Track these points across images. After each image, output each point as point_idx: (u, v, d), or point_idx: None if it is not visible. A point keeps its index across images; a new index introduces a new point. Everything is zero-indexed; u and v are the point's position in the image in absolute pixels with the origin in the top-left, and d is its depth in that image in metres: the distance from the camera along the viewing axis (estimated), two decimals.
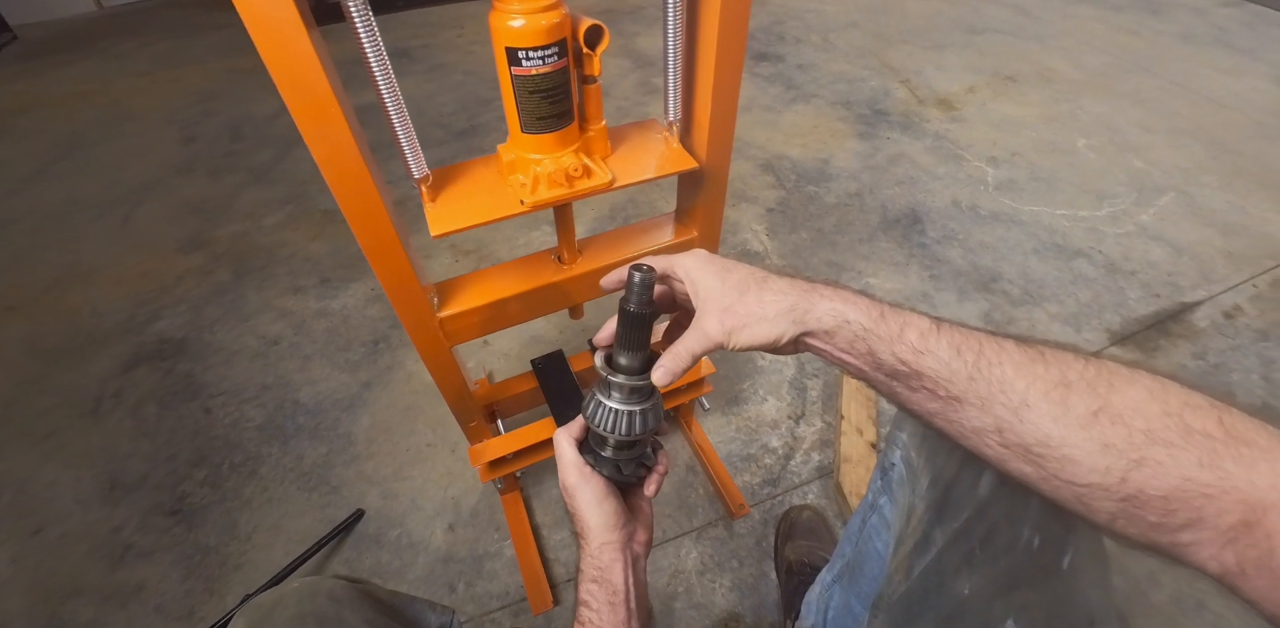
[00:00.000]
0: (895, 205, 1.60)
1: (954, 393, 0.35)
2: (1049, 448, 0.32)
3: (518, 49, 0.46)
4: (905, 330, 0.37)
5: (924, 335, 0.36)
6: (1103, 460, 0.31)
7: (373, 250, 0.54)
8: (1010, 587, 0.43)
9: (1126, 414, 0.31)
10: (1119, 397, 0.31)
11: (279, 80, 0.40)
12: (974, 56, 2.19)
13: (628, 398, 0.45)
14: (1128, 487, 0.30)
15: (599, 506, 0.45)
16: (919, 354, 0.36)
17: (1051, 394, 0.32)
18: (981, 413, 0.34)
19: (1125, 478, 0.30)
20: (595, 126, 0.57)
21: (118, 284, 1.45)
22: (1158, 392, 0.31)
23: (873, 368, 0.38)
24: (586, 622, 0.42)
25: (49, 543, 1.02)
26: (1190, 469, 0.29)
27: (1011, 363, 0.34)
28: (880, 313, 0.38)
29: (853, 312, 0.38)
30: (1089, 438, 0.31)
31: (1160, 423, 0.30)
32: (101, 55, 2.37)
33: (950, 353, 0.35)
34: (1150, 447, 0.30)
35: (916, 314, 0.38)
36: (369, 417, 1.17)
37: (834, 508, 1.01)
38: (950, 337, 0.36)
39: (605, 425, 0.45)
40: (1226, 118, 1.86)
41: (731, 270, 0.42)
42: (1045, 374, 0.33)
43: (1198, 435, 0.29)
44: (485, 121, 1.92)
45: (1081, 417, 0.31)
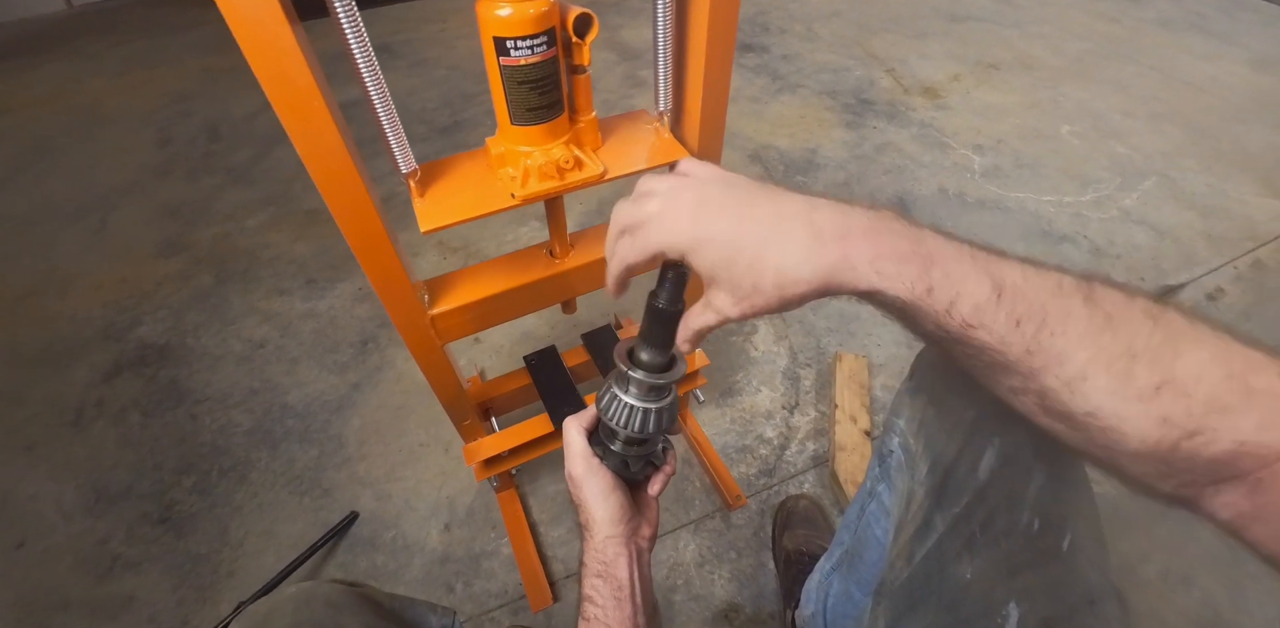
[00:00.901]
0: (883, 194, 1.60)
1: (1001, 362, 0.31)
2: (1097, 418, 0.30)
3: (506, 38, 0.45)
4: (957, 303, 0.31)
5: (979, 309, 0.30)
6: (1155, 433, 0.29)
7: (361, 248, 0.53)
8: (1012, 570, 0.43)
9: (1190, 384, 0.28)
10: (1183, 364, 0.29)
11: (261, 74, 0.39)
12: (956, 45, 2.20)
13: (645, 395, 0.44)
14: (1176, 454, 0.28)
15: (606, 498, 0.45)
16: (969, 329, 0.31)
17: (1114, 366, 0.29)
18: (1026, 381, 0.31)
19: (1176, 447, 0.28)
20: (585, 118, 0.56)
21: (95, 291, 1.42)
22: (1221, 352, 0.29)
23: (908, 327, 0.34)
24: (592, 618, 0.42)
25: (33, 557, 1.00)
26: (1248, 433, 0.27)
27: (1075, 332, 0.30)
28: (928, 288, 0.31)
29: (894, 281, 0.31)
30: (1146, 412, 0.29)
31: (1223, 388, 0.28)
32: (73, 56, 2.31)
33: (1008, 327, 0.30)
34: (1209, 416, 0.28)
35: (976, 278, 0.31)
36: (359, 418, 1.16)
37: (830, 497, 1.02)
38: (1012, 306, 0.30)
39: (619, 420, 0.44)
40: (1204, 102, 1.88)
41: (740, 221, 0.35)
42: (1111, 344, 0.29)
43: (1260, 395, 0.27)
44: (470, 117, 1.90)
45: (1143, 391, 0.29)
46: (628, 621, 0.42)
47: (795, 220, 0.32)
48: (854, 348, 1.24)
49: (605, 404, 0.45)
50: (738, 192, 0.35)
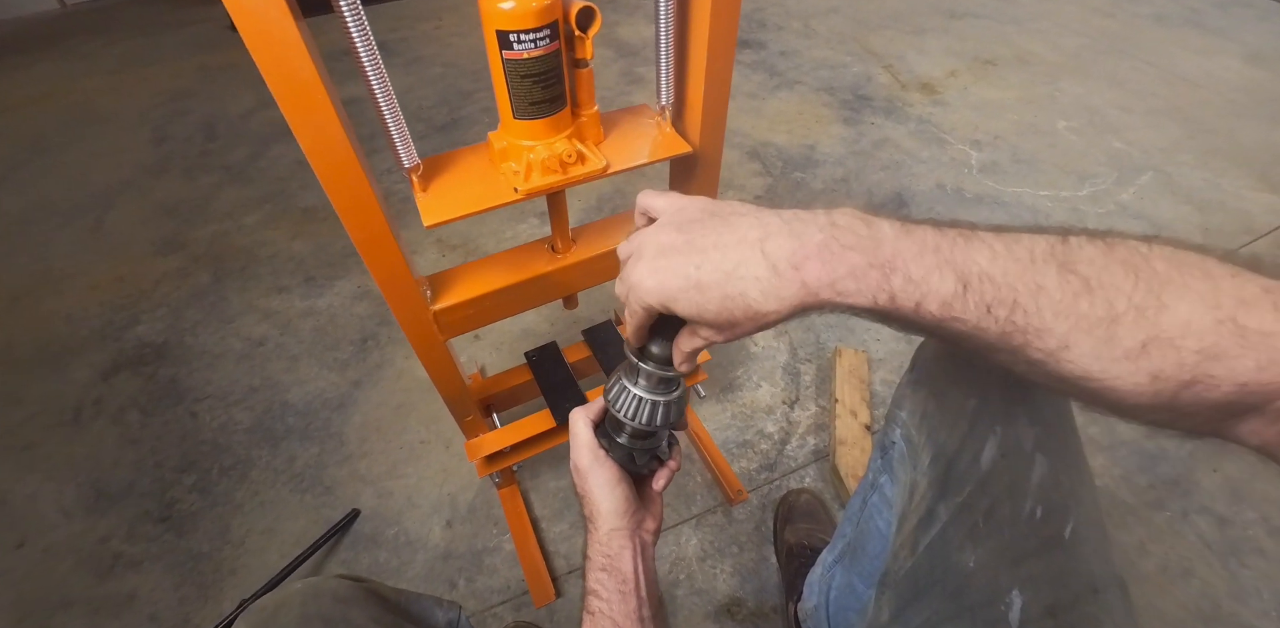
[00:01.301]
0: (881, 190, 1.60)
1: (984, 343, 0.32)
2: (1090, 381, 0.30)
3: (509, 32, 0.44)
4: (924, 303, 0.31)
5: (947, 304, 0.31)
6: (1151, 388, 0.29)
7: (364, 243, 0.53)
8: (1015, 558, 0.43)
9: (1178, 336, 0.28)
10: (1169, 317, 0.28)
11: (265, 68, 0.39)
12: (953, 41, 2.20)
13: (654, 387, 0.44)
14: (1179, 402, 0.28)
15: (611, 490, 0.45)
16: (941, 323, 0.32)
17: (1095, 332, 0.29)
18: (1014, 356, 0.31)
19: (1176, 397, 0.28)
20: (587, 112, 0.56)
21: (92, 290, 1.41)
22: (1209, 296, 0.28)
23: (888, 325, 0.34)
24: (596, 612, 0.42)
25: (33, 557, 1.00)
26: (1248, 374, 0.27)
27: (1051, 307, 0.30)
28: (890, 296, 0.32)
29: (855, 299, 0.32)
30: (1136, 370, 0.29)
31: (1214, 335, 0.28)
32: (66, 55, 2.30)
33: (979, 314, 0.31)
34: (1203, 365, 0.28)
35: (940, 275, 0.31)
36: (360, 416, 1.16)
37: (831, 491, 1.02)
38: (979, 296, 0.31)
39: (626, 412, 0.44)
40: (1200, 97, 1.89)
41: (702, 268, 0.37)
42: (1090, 311, 0.29)
43: (1254, 336, 0.27)
44: (467, 114, 1.89)
45: (1130, 350, 0.29)
46: (633, 614, 0.42)
47: (750, 255, 0.33)
48: (854, 343, 1.24)
49: (614, 396, 0.45)
50: (689, 234, 0.35)
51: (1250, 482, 1.01)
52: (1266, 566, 0.92)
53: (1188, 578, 0.91)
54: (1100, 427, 1.10)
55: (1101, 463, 1.04)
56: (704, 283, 0.34)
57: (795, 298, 0.32)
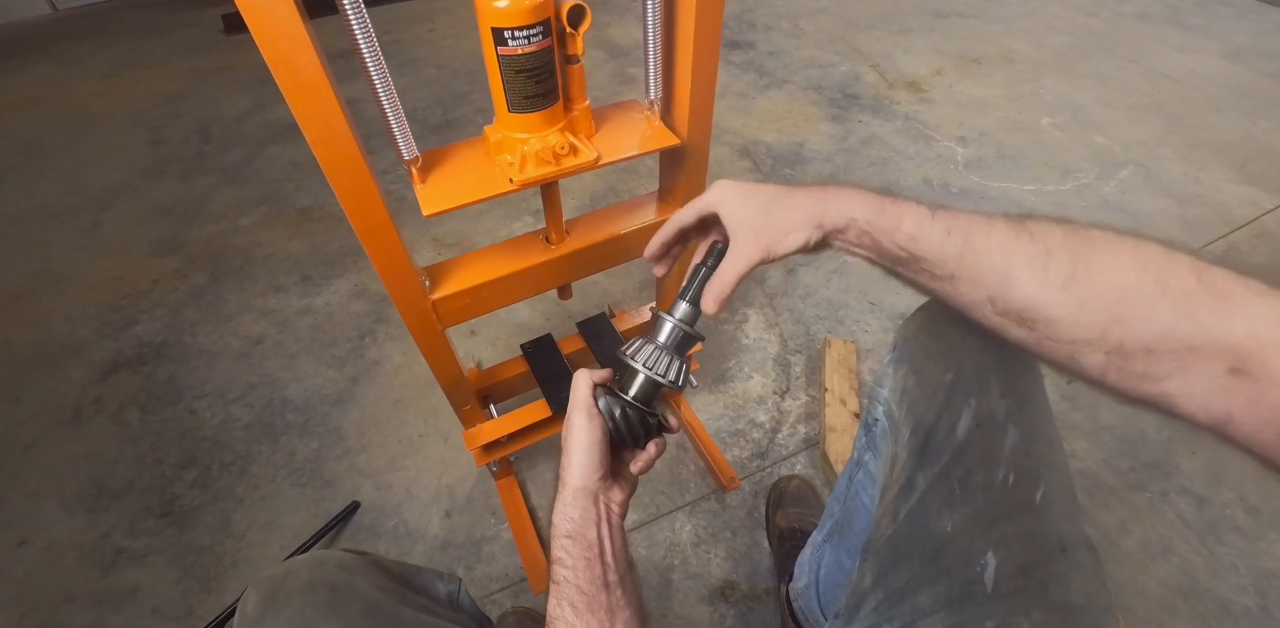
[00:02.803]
0: (869, 185, 1.62)
1: (948, 271, 0.39)
2: (1036, 310, 0.35)
3: (503, 29, 0.47)
4: (903, 220, 0.40)
5: (920, 224, 0.40)
6: (1083, 316, 0.33)
7: (366, 232, 0.55)
8: (989, 522, 0.46)
9: (1103, 274, 0.33)
10: (1098, 259, 0.34)
11: (273, 64, 0.41)
12: (939, 40, 2.24)
13: (676, 344, 0.50)
14: (1109, 340, 0.33)
15: (589, 447, 0.45)
16: (914, 240, 0.39)
17: (1033, 262, 0.35)
18: (974, 287, 0.38)
19: (1106, 332, 0.33)
20: (579, 106, 0.58)
21: (90, 291, 1.42)
22: (1138, 254, 0.33)
23: (879, 257, 0.43)
24: (562, 581, 0.41)
25: (35, 553, 1.01)
26: (1166, 322, 0.31)
27: (997, 239, 0.37)
28: (882, 207, 0.42)
29: (857, 209, 0.42)
30: (1067, 297, 0.34)
31: (1136, 281, 0.32)
32: (59, 59, 2.30)
33: (942, 235, 0.39)
34: (1126, 303, 0.32)
35: (915, 204, 0.41)
36: (358, 411, 1.18)
37: (821, 477, 1.04)
38: (944, 222, 0.39)
39: (645, 361, 0.48)
40: (1181, 93, 1.93)
41: (755, 193, 0.47)
42: (1028, 247, 0.36)
43: (1174, 291, 0.31)
44: (461, 115, 1.92)
45: (1059, 279, 0.34)
46: (598, 580, 0.41)
47: (792, 189, 0.46)
48: (842, 334, 1.27)
49: (635, 349, 0.49)
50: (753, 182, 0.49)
51: (1227, 464, 1.04)
52: (1243, 543, 0.95)
53: (1168, 556, 0.94)
54: (1083, 413, 1.13)
55: (1084, 447, 1.07)
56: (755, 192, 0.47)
57: (815, 211, 0.44)
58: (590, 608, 0.40)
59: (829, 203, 0.43)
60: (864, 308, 1.32)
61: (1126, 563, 0.93)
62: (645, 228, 0.72)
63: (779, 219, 0.44)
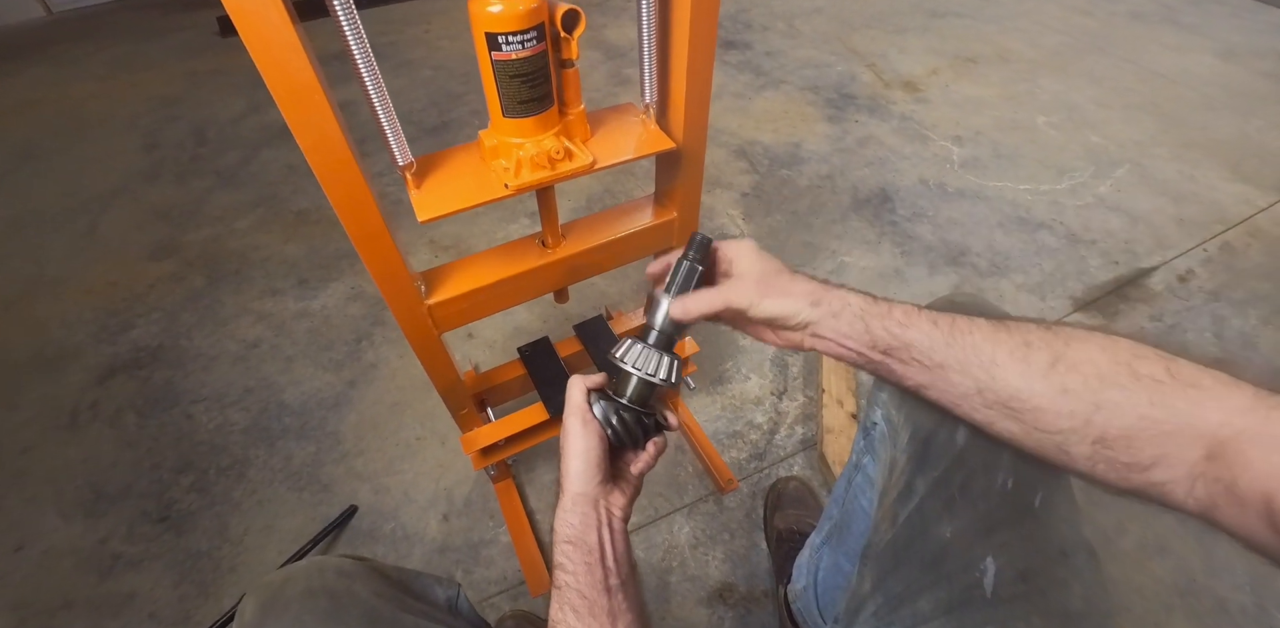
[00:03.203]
0: (866, 186, 1.64)
1: (938, 361, 0.40)
2: (1021, 400, 0.36)
3: (497, 34, 0.46)
4: (893, 309, 0.43)
5: (907, 313, 0.43)
6: (1065, 405, 0.35)
7: (361, 238, 0.54)
8: (988, 528, 0.46)
9: (1080, 364, 0.35)
10: (1073, 351, 0.36)
11: (263, 68, 0.41)
12: (935, 40, 2.24)
13: (665, 340, 0.49)
14: (1093, 429, 0.34)
15: (585, 453, 0.45)
16: (904, 327, 0.42)
17: (1015, 353, 0.37)
18: (963, 376, 0.39)
19: (1089, 420, 0.34)
20: (574, 110, 0.58)
21: (86, 295, 1.42)
22: (1108, 346, 0.35)
23: (869, 347, 0.43)
24: (564, 585, 0.42)
25: (32, 559, 1.00)
26: (1143, 408, 0.32)
27: (980, 332, 0.39)
28: (874, 299, 0.45)
29: (852, 296, 0.45)
30: (1049, 386, 0.35)
31: (1110, 370, 0.34)
32: (53, 61, 2.30)
33: (929, 325, 0.41)
34: (1104, 390, 0.34)
35: (903, 302, 0.45)
36: (356, 414, 1.17)
37: (819, 478, 1.05)
38: (929, 314, 0.42)
39: (634, 361, 0.48)
40: (1175, 92, 1.94)
41: (771, 260, 0.49)
42: (1009, 338, 0.38)
43: (1146, 379, 0.33)
44: (457, 117, 1.91)
45: (1041, 368, 0.36)
46: (599, 584, 0.42)
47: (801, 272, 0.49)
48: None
49: (624, 350, 0.49)
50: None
51: None
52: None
53: (1164, 555, 0.94)
54: None
55: None
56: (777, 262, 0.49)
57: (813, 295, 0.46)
58: (592, 612, 0.40)
59: (830, 291, 0.46)
60: None
61: (1124, 562, 0.93)
62: (642, 231, 0.72)
63: (782, 284, 0.47)
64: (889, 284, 1.37)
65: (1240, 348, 1.23)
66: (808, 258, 1.44)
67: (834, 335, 0.45)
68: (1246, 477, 0.29)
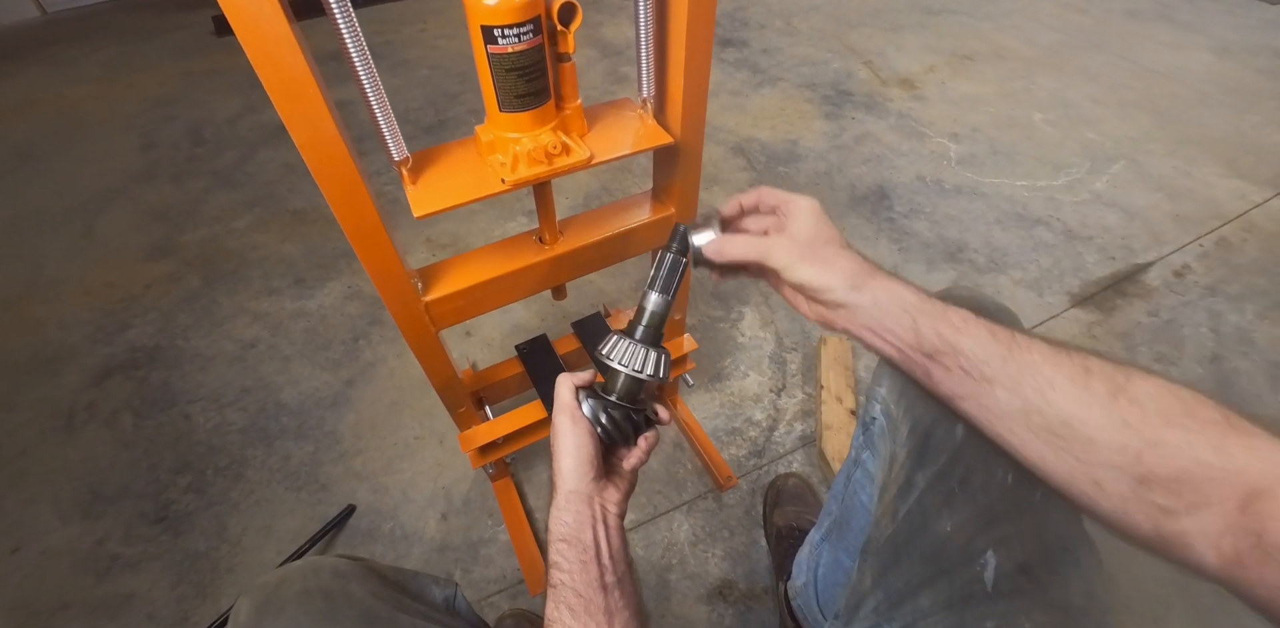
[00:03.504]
0: (863, 183, 1.64)
1: (988, 374, 0.37)
2: (1071, 428, 0.34)
3: (493, 27, 0.46)
4: (949, 312, 0.40)
5: (965, 319, 0.39)
6: (1120, 438, 0.33)
7: (356, 234, 0.54)
8: (989, 522, 0.46)
9: (1143, 398, 0.33)
10: (1135, 384, 0.34)
11: (257, 62, 0.40)
12: (932, 37, 2.24)
13: (651, 335, 0.49)
14: (1141, 466, 0.32)
15: (576, 450, 0.45)
16: (959, 332, 0.39)
17: (1075, 378, 0.35)
18: (1011, 395, 0.36)
19: (1140, 457, 0.32)
20: (571, 105, 0.57)
21: (83, 296, 1.41)
22: (1169, 386, 0.34)
23: (913, 347, 0.40)
24: (559, 584, 0.41)
25: (29, 560, 1.00)
26: (1202, 451, 0.31)
27: (1039, 350, 0.37)
28: (927, 296, 0.42)
29: (903, 290, 0.42)
30: (1108, 417, 0.33)
31: (1174, 408, 0.32)
32: (48, 62, 2.29)
33: (987, 335, 0.38)
34: (1165, 428, 0.32)
35: (957, 306, 0.41)
36: (354, 414, 1.17)
37: (818, 474, 1.04)
38: (986, 323, 0.39)
39: (621, 358, 0.47)
40: (1171, 89, 1.94)
41: (828, 227, 0.46)
42: (1069, 362, 0.36)
43: (1208, 423, 0.32)
44: (454, 116, 1.91)
45: (1102, 398, 0.34)
46: (594, 582, 0.41)
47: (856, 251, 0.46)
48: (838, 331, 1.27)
49: (610, 347, 0.48)
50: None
51: None
52: None
53: None
54: None
55: None
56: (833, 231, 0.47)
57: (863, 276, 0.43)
58: (588, 611, 0.40)
59: (876, 276, 0.43)
60: None
61: (1124, 557, 0.93)
62: (640, 227, 0.72)
63: (830, 254, 0.44)
64: None
65: (1236, 343, 1.24)
66: None
67: (872, 325, 0.42)
68: (1274, 526, 0.28)
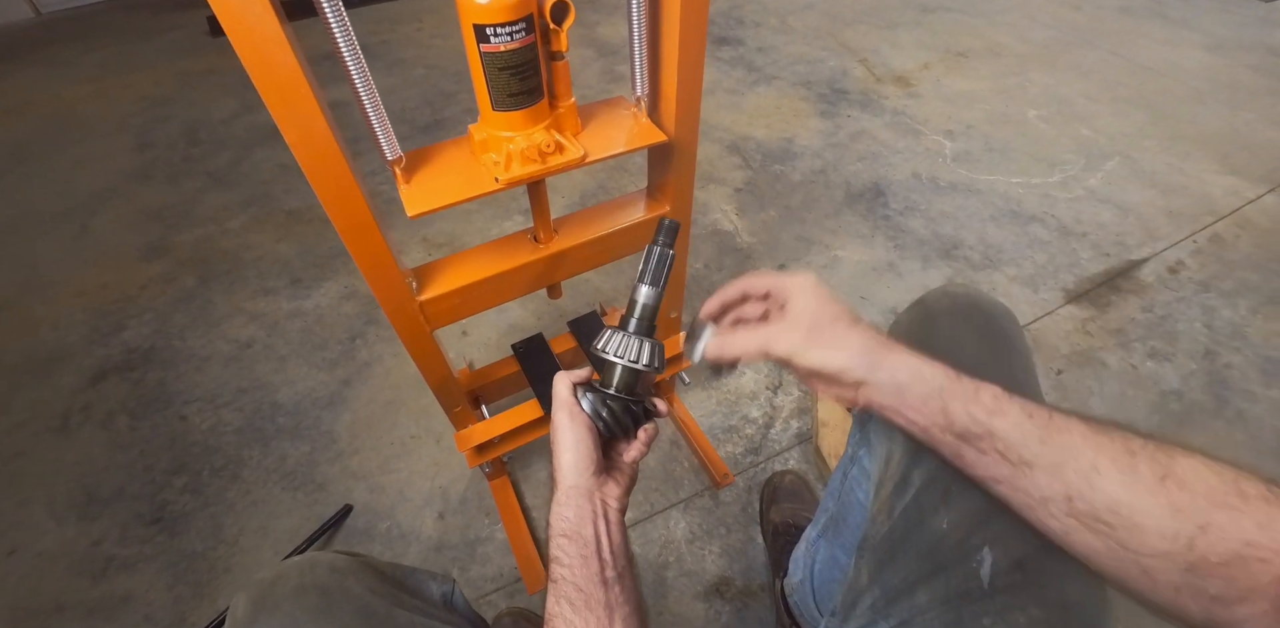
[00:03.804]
0: (858, 180, 1.64)
1: (1026, 458, 0.36)
2: (1118, 515, 0.33)
3: (485, 25, 0.46)
4: (980, 392, 0.38)
5: (997, 398, 0.37)
6: (1171, 525, 0.31)
7: (350, 233, 0.54)
8: (985, 519, 0.45)
9: (1190, 480, 0.32)
10: (1180, 465, 0.33)
11: (248, 62, 0.40)
12: (926, 34, 2.25)
13: (646, 328, 0.50)
14: (1193, 554, 0.31)
15: (575, 445, 0.45)
16: (993, 414, 0.37)
17: (1120, 461, 0.33)
18: (1052, 479, 0.35)
19: (1192, 544, 0.31)
20: (565, 103, 0.57)
21: (78, 297, 1.41)
22: (1211, 462, 0.33)
23: (942, 428, 0.39)
24: (560, 579, 0.41)
25: (25, 562, 1.00)
26: (1250, 532, 0.30)
27: (1079, 431, 0.35)
28: (956, 374, 0.39)
29: (928, 368, 0.40)
30: (1157, 503, 0.32)
31: (1220, 488, 0.31)
32: (43, 63, 2.28)
33: (1022, 416, 0.36)
34: (1214, 511, 0.31)
35: (987, 382, 0.39)
36: (350, 413, 1.17)
37: (814, 472, 1.05)
38: (1021, 402, 0.37)
39: (616, 350, 0.48)
40: (1164, 85, 1.95)
41: (831, 302, 0.45)
42: (1111, 443, 0.34)
43: (1254, 500, 0.30)
44: (450, 115, 1.91)
45: (1149, 482, 0.32)
46: (595, 577, 0.41)
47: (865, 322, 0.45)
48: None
49: (605, 341, 0.49)
50: None
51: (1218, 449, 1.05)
52: None
53: None
54: (1073, 403, 1.14)
55: None
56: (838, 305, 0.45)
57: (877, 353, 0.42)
58: (588, 605, 0.40)
59: (895, 353, 0.41)
60: (855, 301, 1.32)
61: None
62: (634, 225, 0.72)
63: (839, 334, 0.42)
64: (883, 278, 1.38)
65: (1229, 338, 1.24)
66: (801, 252, 1.44)
67: (896, 404, 0.40)
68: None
